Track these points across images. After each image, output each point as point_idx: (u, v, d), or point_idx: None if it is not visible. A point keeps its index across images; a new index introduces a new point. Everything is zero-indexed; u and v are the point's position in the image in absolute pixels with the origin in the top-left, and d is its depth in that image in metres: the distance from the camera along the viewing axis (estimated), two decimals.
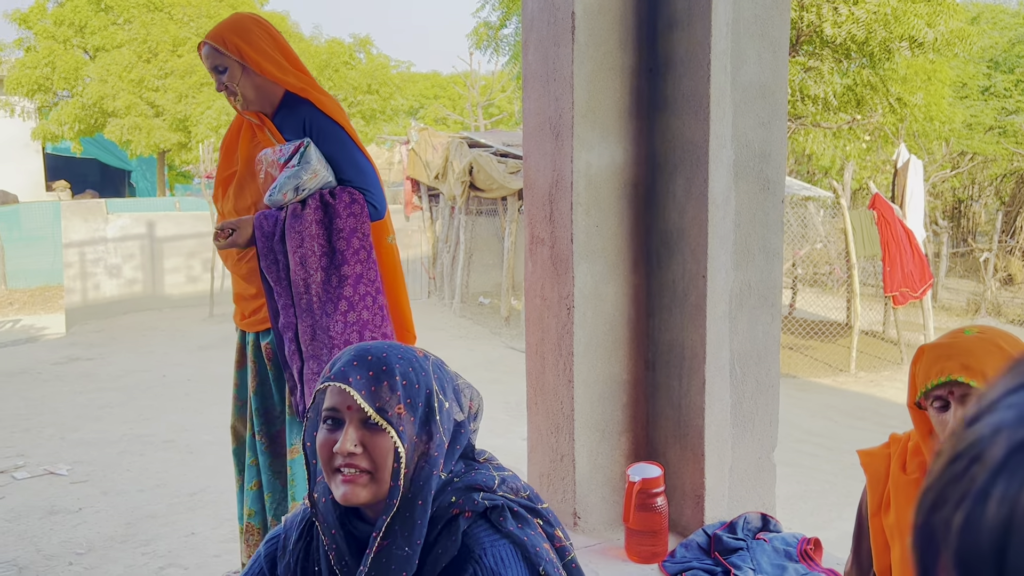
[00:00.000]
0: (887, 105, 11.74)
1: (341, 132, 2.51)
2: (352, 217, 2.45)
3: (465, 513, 1.22)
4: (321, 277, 2.44)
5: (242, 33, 2.48)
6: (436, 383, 1.27)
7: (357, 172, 2.51)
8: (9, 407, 7.12)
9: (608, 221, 2.54)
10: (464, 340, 10.67)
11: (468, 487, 1.26)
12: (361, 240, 2.46)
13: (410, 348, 1.30)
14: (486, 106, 23.46)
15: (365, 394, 1.19)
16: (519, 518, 1.26)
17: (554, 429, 2.67)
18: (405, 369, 1.23)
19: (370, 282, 2.48)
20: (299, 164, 2.41)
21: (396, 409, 1.20)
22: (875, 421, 7.26)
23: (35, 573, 3.81)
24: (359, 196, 2.47)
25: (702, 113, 2.38)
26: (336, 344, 2.44)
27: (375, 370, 1.21)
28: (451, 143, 12.17)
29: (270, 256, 2.45)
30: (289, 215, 2.42)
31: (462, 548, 1.21)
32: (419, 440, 1.23)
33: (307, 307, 2.44)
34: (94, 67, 18.64)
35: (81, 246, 12.44)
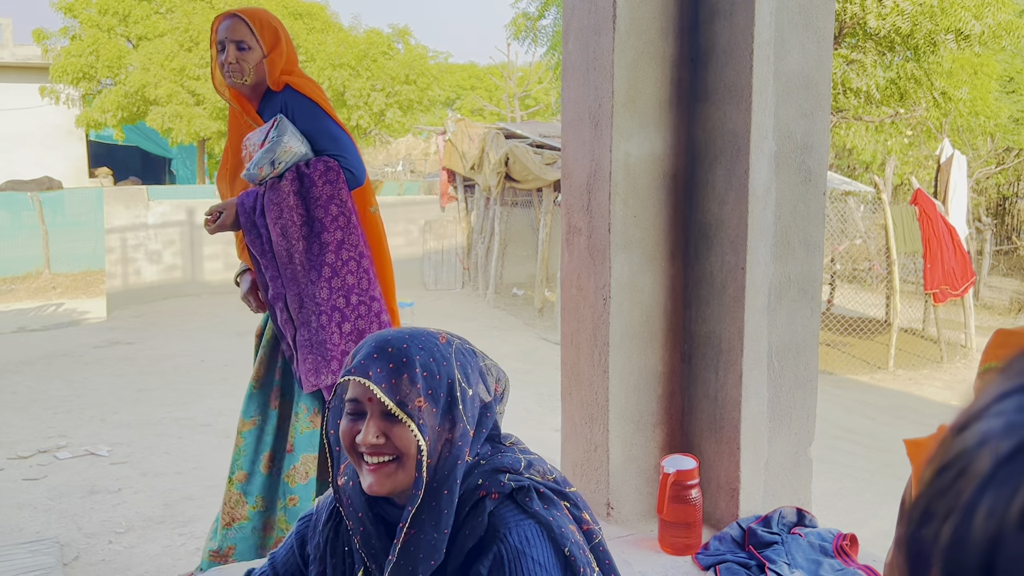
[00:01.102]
0: (931, 99, 11.53)
1: (315, 107, 2.58)
2: (328, 184, 2.50)
3: (492, 494, 1.23)
4: (303, 246, 2.50)
5: (276, 27, 2.61)
6: (459, 371, 1.26)
7: (331, 141, 2.57)
8: (52, 389, 7.28)
9: (646, 211, 2.53)
10: (498, 331, 10.69)
11: (494, 469, 1.26)
12: (340, 207, 2.51)
13: (432, 335, 1.28)
14: (523, 97, 23.44)
15: (385, 387, 1.19)
16: (545, 499, 1.26)
17: (588, 419, 2.66)
18: (426, 360, 1.22)
19: (352, 247, 2.53)
20: (274, 140, 2.47)
21: (416, 402, 1.19)
22: (913, 419, 7.16)
23: (76, 550, 3.89)
24: (334, 164, 2.53)
25: (744, 103, 2.35)
26: (323, 310, 2.50)
27: (395, 362, 1.20)
28: (487, 134, 12.18)
29: (253, 231, 2.52)
30: (267, 189, 2.49)
31: (488, 528, 1.21)
32: (442, 429, 1.23)
33: (292, 276, 2.52)
34: (137, 56, 18.90)
35: (122, 232, 12.65)
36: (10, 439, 5.68)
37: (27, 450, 5.42)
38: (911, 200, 9.78)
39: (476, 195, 13.73)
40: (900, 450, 4.68)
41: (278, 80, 2.59)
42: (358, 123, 18.48)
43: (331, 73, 17.85)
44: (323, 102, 2.62)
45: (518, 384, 7.41)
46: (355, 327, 2.53)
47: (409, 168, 27.69)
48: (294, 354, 2.58)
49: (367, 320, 2.54)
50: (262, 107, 2.64)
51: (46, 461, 5.23)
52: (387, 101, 18.44)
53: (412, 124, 19.56)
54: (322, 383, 2.54)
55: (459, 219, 14.55)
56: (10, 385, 7.42)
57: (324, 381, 2.53)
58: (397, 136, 20.73)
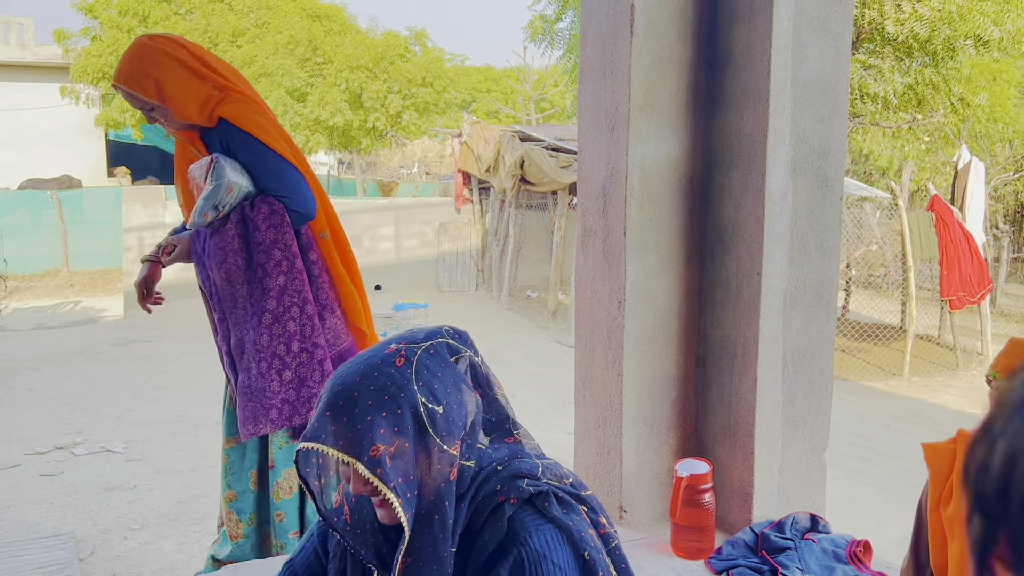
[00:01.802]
0: (949, 105, 11.46)
1: (253, 141, 2.46)
2: (272, 229, 2.44)
3: (510, 500, 1.23)
4: (246, 291, 2.46)
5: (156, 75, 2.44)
6: (422, 392, 1.20)
7: (275, 179, 2.47)
8: (69, 385, 7.34)
9: (662, 215, 2.53)
10: (511, 333, 10.70)
11: (512, 475, 1.25)
12: (283, 251, 2.45)
13: (388, 361, 1.21)
14: (538, 100, 23.46)
15: (343, 444, 1.16)
16: (564, 504, 1.26)
17: (602, 422, 2.67)
18: (380, 399, 1.17)
19: (295, 292, 2.47)
20: (213, 183, 2.40)
21: (373, 451, 1.15)
22: (928, 427, 7.12)
23: (92, 546, 3.92)
24: (279, 206, 2.45)
25: (761, 108, 2.35)
26: (263, 356, 2.45)
27: (348, 415, 1.17)
28: (503, 136, 12.20)
29: (203, 273, 2.51)
30: (214, 232, 2.46)
31: (508, 533, 1.21)
32: (419, 459, 1.20)
33: (236, 321, 2.48)
34: None
35: (140, 231, 12.74)
36: (28, 435, 5.74)
37: (44, 446, 5.47)
38: (928, 206, 9.72)
39: (491, 197, 13.75)
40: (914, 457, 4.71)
41: (209, 116, 2.47)
42: (374, 125, 18.55)
43: (348, 75, 17.93)
44: (260, 132, 2.49)
45: (530, 386, 7.42)
46: (296, 375, 2.47)
47: (424, 170, 27.77)
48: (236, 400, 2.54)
49: (308, 368, 2.48)
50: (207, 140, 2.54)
51: (63, 457, 5.28)
52: (403, 103, 18.50)
53: (428, 126, 19.62)
54: (259, 432, 2.48)
55: (474, 221, 14.57)
56: (28, 382, 7.49)
57: (262, 430, 2.48)
58: (413, 138, 20.81)
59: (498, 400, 1.34)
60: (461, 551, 1.24)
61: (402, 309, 10.78)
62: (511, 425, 1.35)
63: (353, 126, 18.44)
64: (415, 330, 1.30)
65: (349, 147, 19.72)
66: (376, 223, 14.56)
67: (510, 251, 12.84)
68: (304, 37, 18.31)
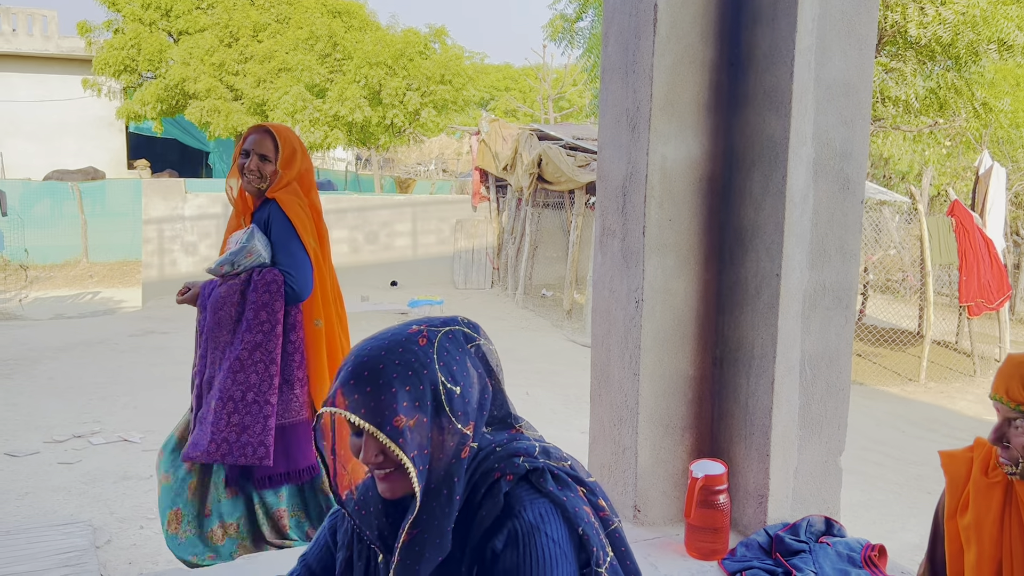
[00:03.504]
0: (971, 110, 11.36)
1: (290, 226, 2.88)
2: (266, 293, 2.82)
3: (507, 476, 1.26)
4: (227, 338, 2.83)
5: (299, 150, 2.96)
6: (442, 371, 1.24)
7: (288, 258, 2.87)
8: (88, 375, 7.41)
9: (681, 215, 2.53)
10: (526, 331, 10.70)
11: (509, 454, 1.29)
12: (269, 315, 2.82)
13: (411, 339, 1.25)
14: (557, 99, 23.44)
15: (364, 412, 1.19)
16: (559, 481, 1.29)
17: (617, 421, 2.67)
18: (404, 374, 1.21)
19: (266, 352, 2.82)
20: (240, 245, 2.84)
21: (396, 422, 1.19)
22: (944, 433, 7.07)
23: (108, 534, 3.96)
24: (279, 277, 2.84)
25: (783, 109, 2.35)
26: (221, 396, 2.77)
27: (372, 385, 1.20)
28: (521, 135, 12.20)
29: (201, 313, 2.89)
30: (223, 283, 2.86)
31: (504, 508, 1.24)
32: (434, 435, 1.23)
33: (212, 360, 2.85)
34: (177, 50, 19.17)
35: (159, 223, 12.83)
36: (47, 423, 5.80)
37: (62, 434, 5.53)
38: (948, 211, 9.65)
39: (508, 195, 13.75)
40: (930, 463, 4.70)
41: (273, 191, 2.89)
42: (393, 121, 18.59)
43: (368, 71, 17.97)
44: (299, 222, 2.89)
45: (545, 385, 7.43)
46: (241, 421, 2.78)
47: (441, 167, 27.80)
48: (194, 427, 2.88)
49: (253, 418, 2.79)
50: (257, 210, 2.95)
51: (80, 446, 5.33)
52: (422, 100, 18.52)
53: (446, 124, 19.64)
54: (195, 458, 2.80)
55: (490, 219, 14.58)
56: (47, 371, 7.56)
57: (198, 456, 2.79)
58: (431, 135, 20.83)
59: (503, 392, 1.37)
60: (459, 527, 1.26)
61: (417, 305, 10.81)
62: (512, 419, 1.39)
63: (372, 122, 18.49)
64: (431, 317, 1.34)
65: (367, 143, 19.77)
66: (393, 219, 14.59)
67: (526, 249, 12.84)
68: (324, 33, 18.37)
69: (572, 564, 1.24)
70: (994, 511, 1.36)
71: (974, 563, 1.38)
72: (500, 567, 1.22)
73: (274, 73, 18.51)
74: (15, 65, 20.84)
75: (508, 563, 1.21)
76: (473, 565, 1.26)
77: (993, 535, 1.37)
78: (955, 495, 1.45)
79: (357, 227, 14.30)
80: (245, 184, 2.92)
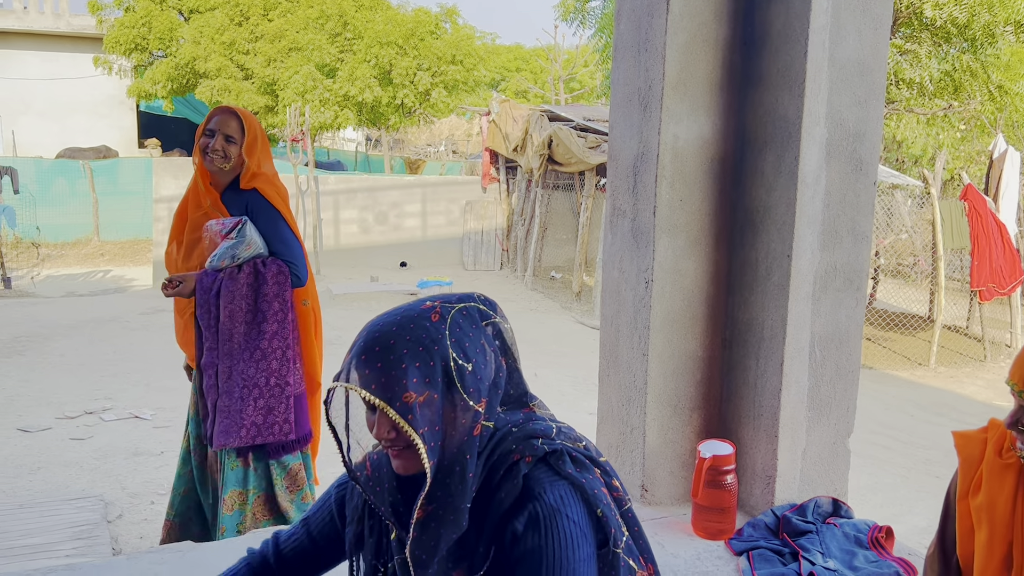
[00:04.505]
0: (986, 93, 11.25)
1: (276, 214, 3.02)
2: (277, 285, 2.98)
3: (525, 458, 1.26)
4: (243, 329, 2.95)
5: (260, 135, 3.06)
6: (454, 348, 1.24)
7: (285, 247, 3.03)
8: (99, 352, 7.45)
9: (692, 195, 2.52)
10: (534, 313, 10.71)
11: (527, 435, 1.29)
12: (281, 304, 2.99)
13: (424, 314, 1.25)
14: (568, 80, 23.32)
15: (375, 387, 1.19)
16: (577, 463, 1.29)
17: (625, 401, 2.67)
18: (415, 349, 1.21)
19: (283, 339, 3.01)
20: (237, 238, 2.92)
21: (406, 398, 1.18)
22: (953, 417, 7.05)
23: (120, 509, 4.00)
24: (286, 268, 3.00)
25: (796, 89, 2.33)
26: (246, 385, 2.96)
27: (382, 360, 1.20)
28: (531, 116, 12.16)
29: (205, 307, 2.94)
30: (227, 276, 2.93)
31: (523, 490, 1.24)
32: (445, 411, 1.23)
33: (228, 351, 2.95)
34: (188, 28, 19.13)
35: (170, 202, 12.84)
36: (58, 399, 5.85)
37: (74, 411, 5.58)
38: (961, 195, 9.58)
39: (518, 177, 13.72)
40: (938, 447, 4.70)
41: (250, 180, 3.00)
42: (403, 101, 18.54)
43: (378, 51, 17.91)
44: (282, 208, 3.05)
45: (553, 366, 7.43)
46: (267, 403, 2.98)
47: (451, 149, 27.74)
48: (209, 415, 3.00)
49: (278, 399, 2.99)
50: (227, 197, 3.03)
51: (92, 422, 5.38)
52: (433, 80, 18.46)
53: (456, 104, 19.57)
54: (229, 445, 2.95)
55: (500, 200, 14.56)
56: (59, 348, 7.61)
57: (231, 443, 2.94)
58: (441, 116, 20.77)
59: (519, 371, 1.37)
60: (477, 508, 1.26)
61: (427, 286, 10.82)
62: (527, 398, 1.38)
63: (382, 102, 18.44)
64: (447, 293, 1.33)
65: (377, 123, 19.73)
66: (403, 200, 14.58)
67: (535, 231, 12.82)
68: (335, 12, 18.30)
69: (591, 545, 1.25)
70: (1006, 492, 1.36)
71: (984, 543, 1.38)
72: (521, 548, 1.23)
73: (284, 52, 18.46)
74: (26, 43, 20.85)
75: (529, 544, 1.22)
76: (491, 545, 1.26)
77: (1004, 516, 1.37)
78: (968, 475, 1.45)
79: (367, 207, 14.30)
80: (207, 163, 2.99)
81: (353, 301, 10.46)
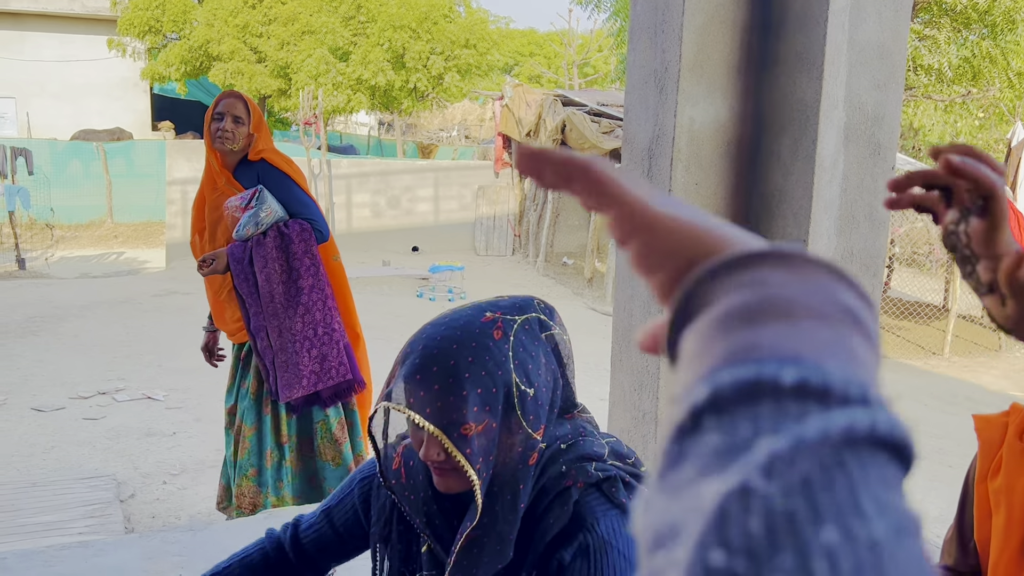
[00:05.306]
0: (1006, 80, 11.13)
1: (286, 177, 3.20)
2: (303, 242, 3.15)
3: (578, 483, 1.19)
4: (282, 289, 3.14)
5: (263, 118, 3.24)
6: (517, 371, 1.15)
7: (302, 206, 3.21)
8: (112, 334, 7.50)
9: (708, 179, 2.49)
10: (546, 299, 10.68)
11: (579, 457, 1.21)
12: (311, 259, 3.17)
13: (485, 331, 1.15)
14: (581, 65, 23.21)
15: (431, 412, 1.11)
16: (631, 489, 1.22)
17: (638, 387, 2.66)
18: (477, 373, 1.12)
19: (319, 290, 3.19)
20: (256, 206, 3.07)
21: (464, 429, 1.10)
22: (967, 407, 7.01)
23: (132, 488, 4.02)
24: (307, 226, 3.17)
25: (815, 72, 2.30)
26: (297, 339, 3.15)
27: (441, 383, 1.11)
28: (545, 100, 12.11)
29: (242, 275, 3.12)
30: (255, 244, 3.09)
31: (573, 517, 1.18)
32: (501, 439, 1.16)
33: (273, 312, 3.14)
34: (201, 11, 19.13)
35: (183, 184, 12.90)
36: (72, 379, 5.88)
37: (88, 391, 5.61)
38: None
39: None
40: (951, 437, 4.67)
41: (257, 152, 3.18)
42: (416, 85, 18.50)
43: (391, 35, 17.86)
44: (293, 173, 3.24)
45: None
46: (320, 352, 3.18)
47: (464, 134, 27.68)
48: (270, 372, 3.19)
49: (329, 345, 3.19)
50: (239, 173, 3.19)
51: (105, 402, 5.41)
52: (446, 65, 18.41)
53: (469, 89, 19.51)
54: (294, 395, 3.16)
55: (512, 186, 14.53)
56: (73, 329, 7.66)
57: (296, 394, 3.16)
58: (454, 101, 20.72)
59: (571, 383, 1.29)
60: (522, 532, 1.20)
61: (438, 271, 10.82)
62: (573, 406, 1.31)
63: (395, 86, 18.41)
64: (505, 298, 1.24)
65: (390, 107, 19.70)
66: (415, 184, 14.57)
67: (548, 217, 12.80)
68: None
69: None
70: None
71: (1002, 527, 1.36)
72: None
73: (298, 35, 18.44)
74: (41, 25, 20.88)
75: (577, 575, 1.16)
76: (533, 571, 1.20)
77: (1023, 500, 1.35)
78: (987, 458, 1.43)
79: (379, 192, 14.30)
80: (217, 145, 3.14)
81: (366, 285, 10.48)
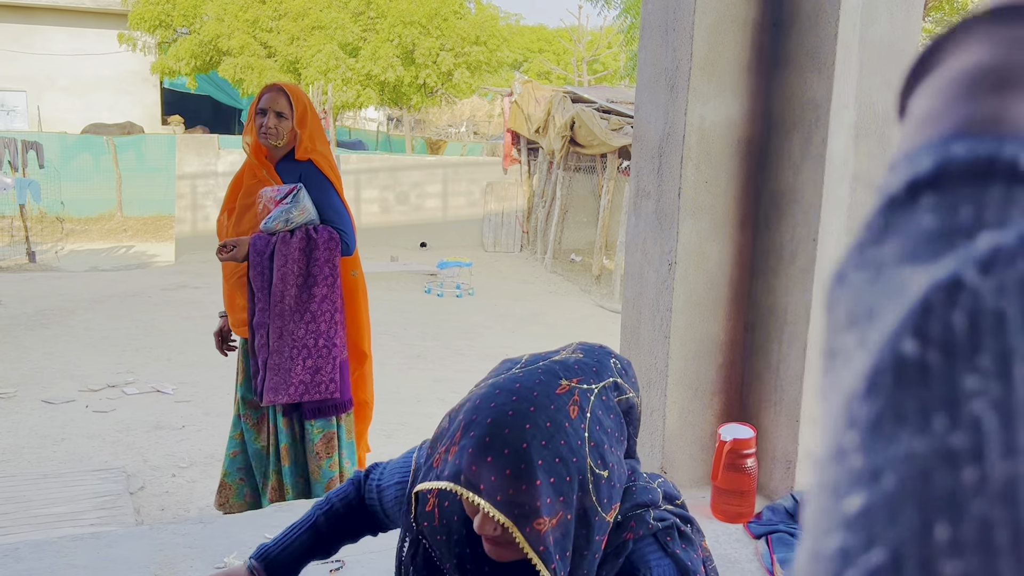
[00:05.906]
0: None
1: (328, 184, 3.14)
2: (328, 251, 3.10)
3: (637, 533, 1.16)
4: (295, 292, 3.07)
5: (309, 107, 3.16)
6: (592, 455, 1.06)
7: (336, 215, 3.14)
8: (122, 327, 7.53)
9: (718, 177, 2.50)
10: (553, 296, 10.70)
11: (635, 505, 1.18)
12: (331, 269, 3.12)
13: (560, 405, 1.05)
14: (591, 62, 23.17)
15: (501, 499, 1.02)
16: (685, 539, 1.21)
17: (646, 384, 2.67)
18: (550, 460, 1.02)
19: (331, 302, 3.13)
20: (291, 203, 3.02)
21: (537, 524, 1.01)
22: None
23: (142, 481, 4.05)
24: (336, 235, 3.11)
25: (826, 71, 2.30)
26: (296, 345, 3.08)
27: (512, 467, 1.01)
28: (554, 97, 12.09)
29: (258, 268, 3.06)
30: (280, 240, 3.04)
31: (626, 564, 1.16)
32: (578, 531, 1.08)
33: (279, 312, 3.07)
34: (212, 5, 19.15)
35: (193, 179, 12.92)
36: (82, 372, 5.91)
37: (97, 384, 5.64)
38: None
39: (539, 158, 13.67)
40: None
41: (305, 152, 3.11)
42: (425, 81, 18.49)
43: (401, 30, 17.85)
44: (335, 181, 3.18)
45: None
46: (315, 363, 3.12)
47: (473, 130, 27.67)
48: (259, 372, 3.14)
49: (325, 359, 3.12)
50: (282, 167, 3.14)
51: (115, 395, 5.44)
52: (455, 61, 18.39)
53: (479, 85, 19.50)
54: (278, 400, 3.11)
55: (521, 182, 14.52)
56: (83, 321, 7.70)
57: (279, 400, 3.10)
58: (463, 97, 20.70)
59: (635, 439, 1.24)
60: None
61: (447, 267, 10.82)
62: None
63: (404, 82, 18.40)
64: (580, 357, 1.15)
65: (399, 103, 19.70)
66: (424, 180, 14.58)
67: (556, 213, 12.79)
68: None
69: None
70: None
71: None
72: None
73: (307, 31, 18.44)
74: (51, 18, 20.94)
75: None
76: None
77: None
78: None
79: (388, 187, 14.31)
80: (262, 140, 3.10)
81: (373, 281, 10.46)
